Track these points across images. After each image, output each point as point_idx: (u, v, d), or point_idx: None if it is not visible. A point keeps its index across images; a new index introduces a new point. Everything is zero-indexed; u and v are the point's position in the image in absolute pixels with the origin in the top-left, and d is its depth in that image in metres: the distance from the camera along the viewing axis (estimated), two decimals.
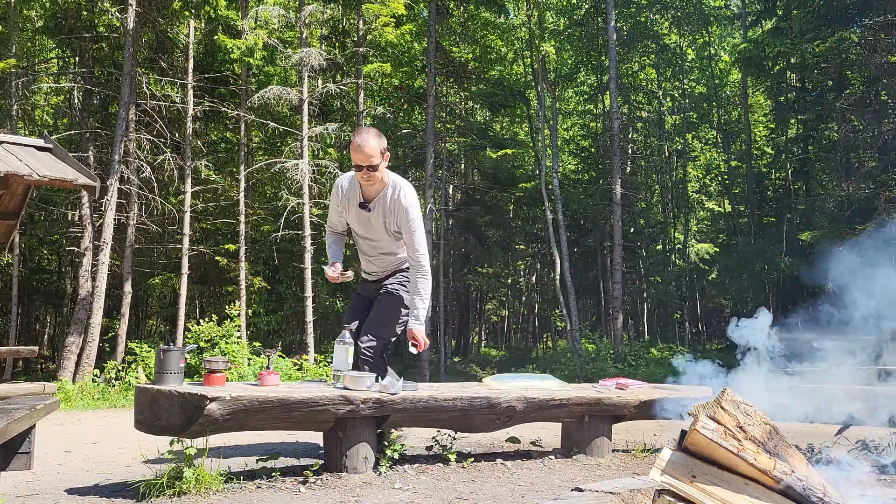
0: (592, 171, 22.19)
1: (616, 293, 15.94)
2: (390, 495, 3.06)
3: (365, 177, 3.63)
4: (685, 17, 21.26)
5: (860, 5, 15.16)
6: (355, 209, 3.81)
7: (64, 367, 11.40)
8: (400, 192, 3.73)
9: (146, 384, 3.10)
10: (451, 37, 19.06)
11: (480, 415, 3.70)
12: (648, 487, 2.41)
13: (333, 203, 3.95)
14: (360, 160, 3.58)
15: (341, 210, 3.90)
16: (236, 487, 3.13)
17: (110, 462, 4.08)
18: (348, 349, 3.58)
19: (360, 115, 15.60)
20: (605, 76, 20.24)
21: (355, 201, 3.80)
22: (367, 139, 3.57)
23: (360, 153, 3.56)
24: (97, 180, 5.20)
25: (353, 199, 3.80)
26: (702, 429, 2.01)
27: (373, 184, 3.70)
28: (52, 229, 17.34)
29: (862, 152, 16.47)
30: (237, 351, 10.39)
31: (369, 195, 3.77)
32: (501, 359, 22.06)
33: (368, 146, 3.56)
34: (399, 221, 3.74)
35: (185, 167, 13.59)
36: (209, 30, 14.39)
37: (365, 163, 3.57)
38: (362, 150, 3.56)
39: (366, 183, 3.69)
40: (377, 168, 3.61)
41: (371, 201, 3.76)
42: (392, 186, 3.74)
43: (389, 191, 3.73)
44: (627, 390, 4.34)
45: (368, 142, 3.56)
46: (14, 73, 13.86)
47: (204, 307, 18.02)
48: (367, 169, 3.59)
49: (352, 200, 3.81)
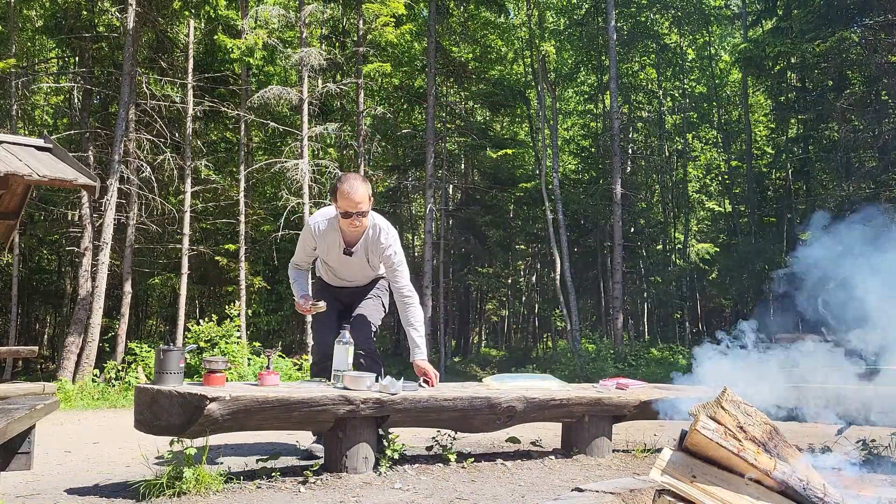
0: (592, 171, 22.20)
1: (616, 293, 15.94)
2: (390, 495, 3.06)
3: (355, 223, 3.64)
4: (685, 17, 21.25)
5: (860, 5, 15.16)
6: (337, 254, 3.82)
7: (64, 367, 11.40)
8: (381, 234, 3.77)
9: (146, 384, 3.10)
10: (451, 37, 19.06)
11: (480, 415, 3.70)
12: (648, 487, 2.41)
13: (307, 245, 3.89)
14: (350, 207, 3.58)
15: (315, 251, 3.88)
16: (236, 487, 3.13)
17: (110, 462, 4.08)
18: (348, 349, 3.59)
19: (360, 115, 15.61)
20: (605, 76, 20.24)
21: (336, 246, 3.80)
22: (356, 186, 3.58)
23: (350, 200, 3.57)
24: (97, 180, 5.19)
25: (334, 243, 3.80)
26: (702, 429, 2.01)
27: (359, 229, 3.71)
28: (52, 229, 17.34)
29: (862, 152, 16.47)
30: (237, 351, 10.39)
31: (352, 240, 3.79)
32: (501, 359, 22.05)
33: (358, 193, 3.57)
34: (382, 261, 3.82)
35: (185, 167, 13.59)
36: (209, 30, 14.39)
37: (355, 210, 3.58)
38: (352, 197, 3.56)
39: (353, 230, 3.70)
40: (366, 214, 3.65)
41: (353, 245, 3.80)
42: (372, 228, 3.77)
43: (370, 232, 3.77)
44: (627, 390, 4.34)
45: (358, 189, 3.57)
46: (14, 73, 13.86)
47: (204, 307, 18.02)
48: (356, 216, 3.60)
49: (331, 245, 3.80)
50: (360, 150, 15.73)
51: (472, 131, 19.29)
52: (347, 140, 17.45)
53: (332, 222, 3.77)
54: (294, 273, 4.02)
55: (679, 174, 23.09)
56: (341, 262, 3.88)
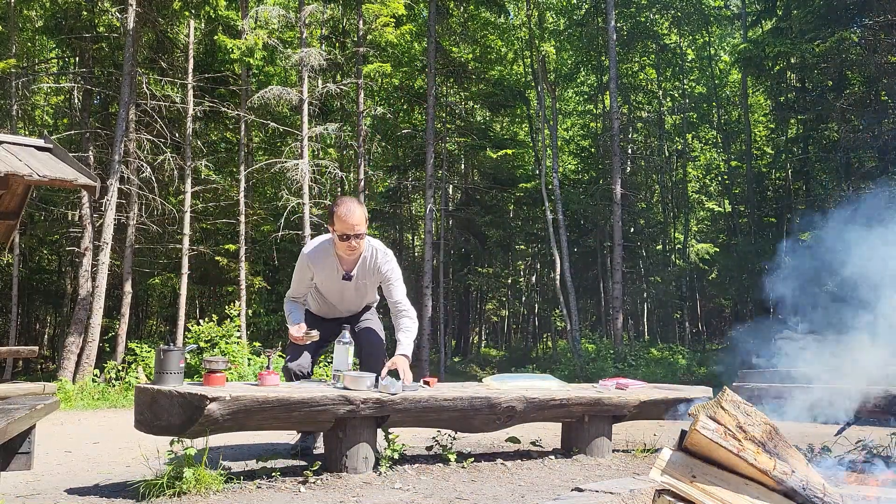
0: (592, 171, 22.20)
1: (616, 293, 15.94)
2: (390, 495, 3.06)
3: (353, 245, 3.63)
4: (685, 18, 21.25)
5: (860, 5, 15.16)
6: (334, 280, 3.80)
7: (64, 367, 11.40)
8: (379, 255, 3.78)
9: (146, 384, 3.10)
10: (451, 37, 19.06)
11: (480, 415, 3.70)
12: (648, 487, 2.41)
13: (304, 275, 3.84)
14: (347, 230, 3.57)
15: (313, 280, 3.85)
16: (236, 487, 3.13)
17: (110, 462, 4.08)
18: (348, 349, 3.59)
19: (360, 115, 15.61)
20: (605, 76, 20.24)
21: (333, 272, 3.78)
22: (352, 209, 3.58)
23: (346, 223, 3.56)
24: (97, 180, 5.19)
25: (331, 269, 3.78)
26: (702, 429, 2.01)
27: (356, 253, 3.70)
28: (52, 229, 17.34)
29: (862, 152, 16.46)
30: (237, 351, 10.40)
31: (349, 264, 3.78)
32: (501, 359, 22.06)
33: (354, 215, 3.57)
34: (381, 280, 3.83)
35: (185, 167, 13.59)
36: (209, 30, 14.39)
37: (352, 232, 3.57)
38: (349, 219, 3.56)
39: (350, 253, 3.69)
40: (363, 237, 3.64)
41: (351, 270, 3.79)
42: (369, 251, 3.77)
43: (368, 255, 3.77)
44: (627, 390, 4.34)
45: (354, 211, 3.58)
46: (14, 73, 13.86)
47: (204, 307, 18.03)
48: (354, 238, 3.59)
49: (329, 271, 3.78)
50: (360, 151, 15.73)
51: (472, 131, 19.30)
52: (347, 140, 17.46)
53: (328, 249, 3.75)
54: (290, 306, 3.93)
55: (679, 174, 23.09)
56: (339, 288, 3.85)
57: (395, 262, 3.86)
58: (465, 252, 21.57)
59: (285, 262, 16.45)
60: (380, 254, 3.79)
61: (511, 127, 23.64)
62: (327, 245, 3.76)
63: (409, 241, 25.19)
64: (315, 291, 3.96)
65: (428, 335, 15.47)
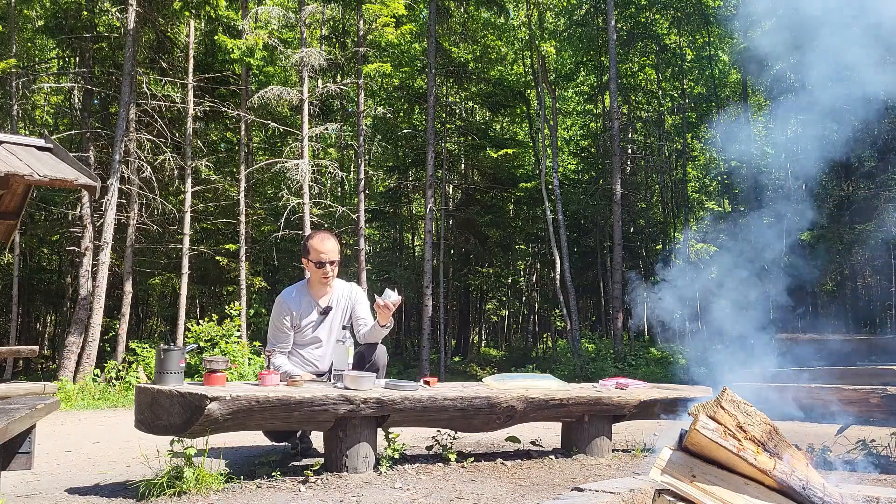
0: (592, 171, 22.19)
1: (616, 293, 15.94)
2: (390, 495, 3.06)
3: (327, 273, 3.82)
4: (685, 17, 21.24)
5: None
6: (313, 317, 3.91)
7: (64, 366, 11.41)
8: (346, 286, 4.02)
9: (146, 384, 3.10)
10: (451, 37, 19.06)
11: (480, 415, 3.70)
12: (648, 487, 2.41)
13: (283, 319, 3.86)
14: (323, 257, 3.80)
15: (295, 324, 3.90)
16: (236, 487, 3.13)
17: (111, 462, 4.08)
18: (348, 349, 3.60)
19: (361, 115, 15.61)
20: (605, 76, 20.24)
21: (312, 309, 3.91)
22: (327, 236, 3.88)
23: (323, 249, 3.80)
24: (97, 180, 5.20)
25: (308, 306, 3.91)
26: (702, 428, 2.02)
27: (330, 282, 3.90)
28: (53, 229, 17.34)
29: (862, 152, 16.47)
30: (237, 351, 10.40)
31: (324, 298, 3.95)
32: (501, 359, 22.05)
33: (329, 242, 3.84)
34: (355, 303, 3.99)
35: (186, 167, 13.59)
36: (209, 30, 14.39)
37: (328, 259, 3.80)
38: (324, 246, 3.81)
39: (325, 282, 3.87)
40: (336, 265, 3.86)
41: (327, 304, 3.95)
42: (340, 285, 4.00)
43: (340, 286, 3.99)
44: (627, 390, 4.35)
45: (329, 239, 3.86)
46: (14, 73, 13.87)
47: (204, 307, 18.03)
48: (329, 265, 3.81)
49: (305, 308, 3.90)
50: (360, 150, 15.73)
51: (472, 131, 19.30)
52: (347, 140, 17.47)
53: (301, 289, 3.94)
54: (281, 359, 3.87)
55: (679, 174, 23.08)
56: (316, 326, 3.91)
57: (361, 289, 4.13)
58: (465, 252, 21.57)
59: (285, 262, 16.46)
60: (347, 285, 4.05)
61: (511, 127, 23.63)
62: (301, 286, 3.97)
63: (409, 241, 25.19)
64: (295, 351, 3.94)
65: (428, 335, 15.47)
